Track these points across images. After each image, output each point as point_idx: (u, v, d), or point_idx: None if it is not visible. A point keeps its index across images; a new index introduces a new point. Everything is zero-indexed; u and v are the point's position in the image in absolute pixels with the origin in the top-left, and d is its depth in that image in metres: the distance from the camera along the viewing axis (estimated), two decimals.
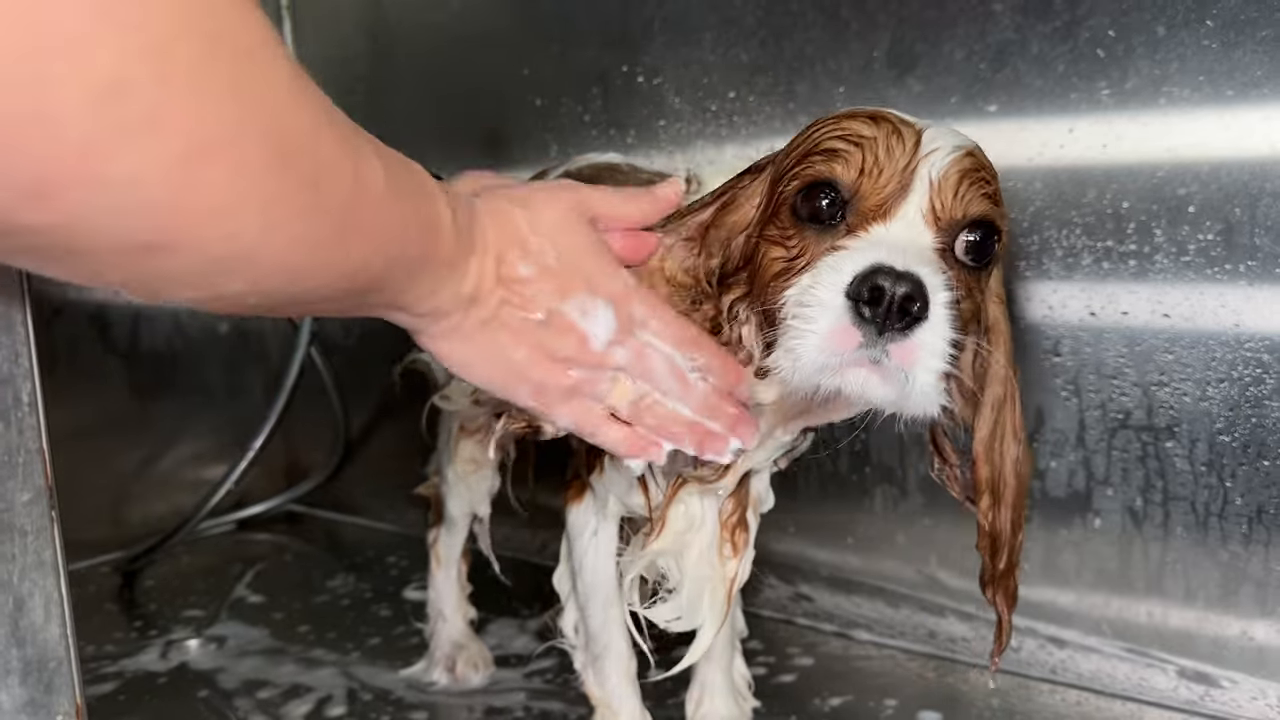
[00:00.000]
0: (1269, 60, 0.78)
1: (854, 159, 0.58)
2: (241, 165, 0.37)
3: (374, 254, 0.47)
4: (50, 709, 0.43)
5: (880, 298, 0.52)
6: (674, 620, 0.71)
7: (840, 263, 0.55)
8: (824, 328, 0.54)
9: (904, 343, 0.53)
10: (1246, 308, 0.81)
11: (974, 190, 0.58)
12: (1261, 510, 0.82)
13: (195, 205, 0.36)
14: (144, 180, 0.33)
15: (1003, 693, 0.90)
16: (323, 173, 0.42)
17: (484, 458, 0.93)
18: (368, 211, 0.46)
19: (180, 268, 0.38)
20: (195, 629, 1.09)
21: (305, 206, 0.41)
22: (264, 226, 0.39)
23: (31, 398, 0.42)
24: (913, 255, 0.55)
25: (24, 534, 0.42)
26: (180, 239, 0.36)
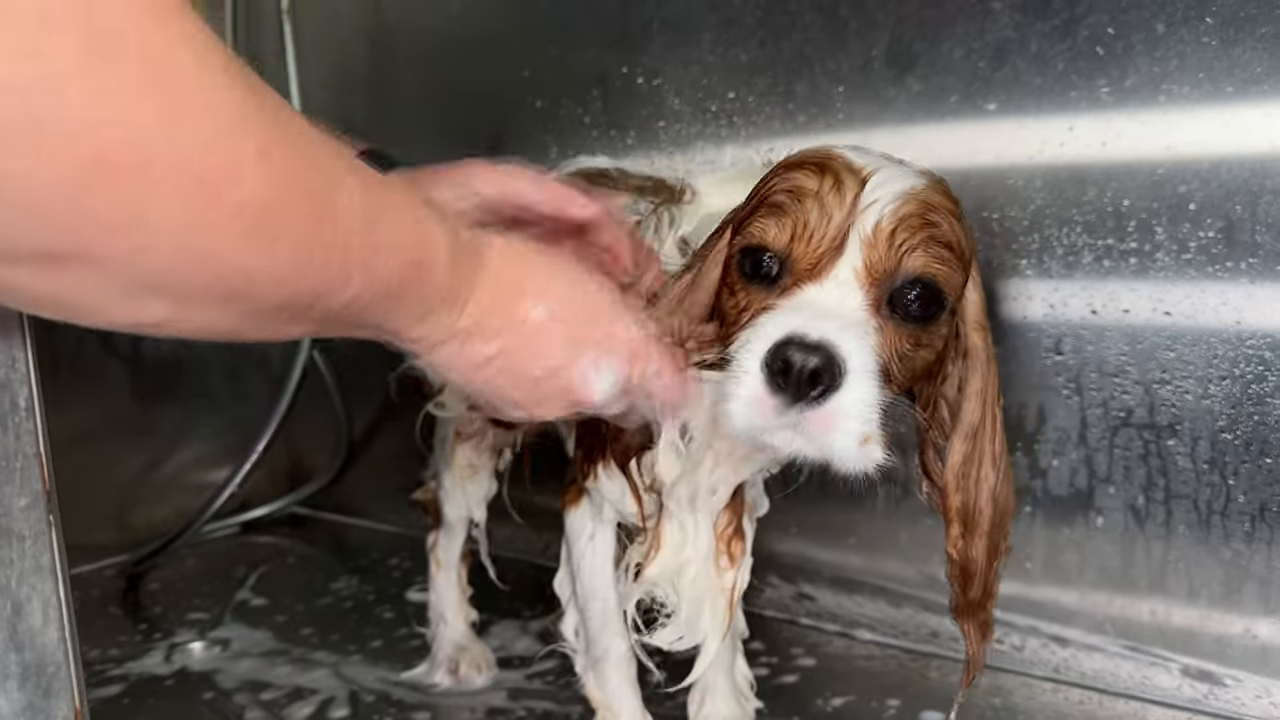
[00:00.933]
0: (1268, 57, 0.78)
1: (787, 222, 0.59)
2: (153, 181, 0.35)
3: (338, 283, 0.45)
4: (49, 713, 0.43)
5: (788, 370, 0.53)
6: (677, 641, 0.72)
7: (763, 329, 0.56)
8: (747, 393, 0.56)
9: (818, 411, 0.54)
10: (1248, 305, 0.80)
11: (914, 241, 0.58)
12: (1264, 508, 0.82)
13: (96, 216, 0.34)
14: (39, 182, 0.32)
15: (1005, 692, 0.90)
16: (267, 197, 0.40)
17: (480, 462, 0.94)
18: (332, 239, 0.43)
19: (80, 283, 0.36)
20: (199, 632, 1.09)
21: (243, 230, 0.39)
22: (185, 251, 0.37)
23: (29, 402, 0.42)
24: (836, 319, 0.55)
25: (22, 539, 0.42)
26: (84, 256, 0.35)
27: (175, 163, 0.35)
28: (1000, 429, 0.65)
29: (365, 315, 0.49)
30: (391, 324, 0.52)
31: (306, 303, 0.45)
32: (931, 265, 0.58)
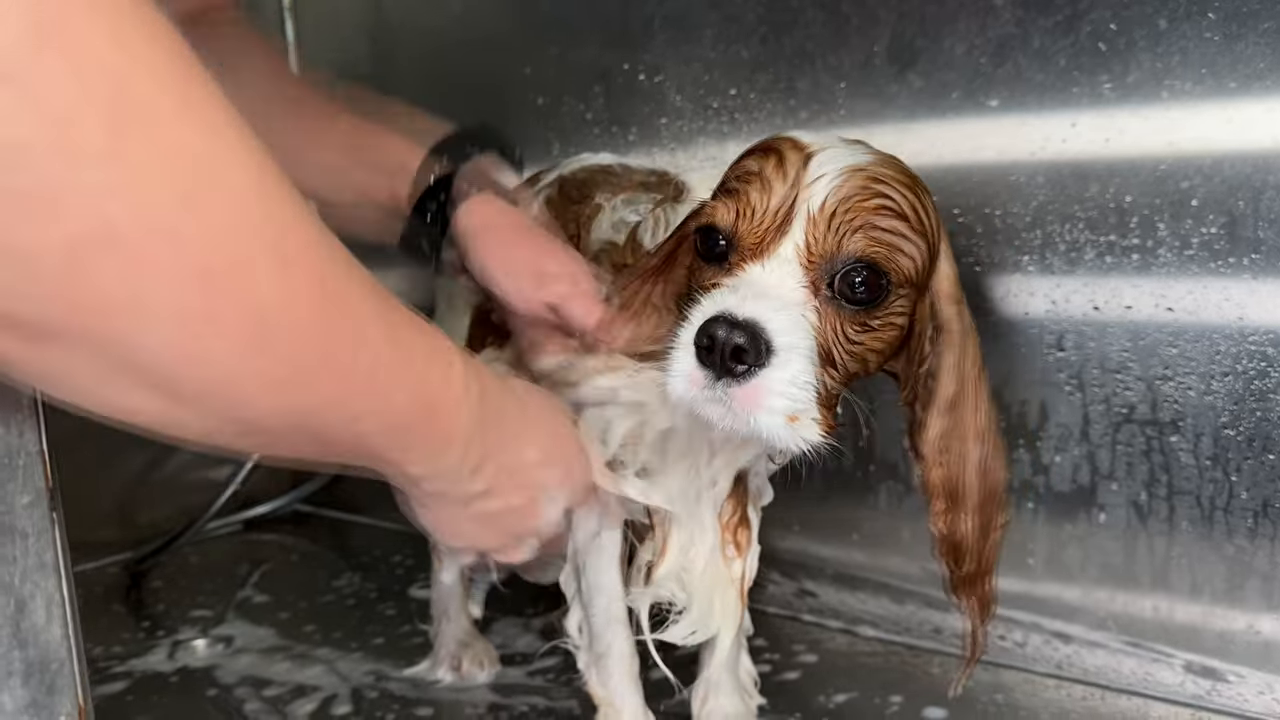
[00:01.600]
0: (1271, 53, 0.77)
1: (733, 203, 0.60)
2: (156, 263, 0.33)
3: (344, 413, 0.44)
4: (52, 710, 0.43)
5: (714, 346, 0.55)
6: (690, 636, 0.73)
7: (702, 307, 0.57)
8: (681, 367, 0.57)
9: (743, 387, 0.55)
10: (1250, 301, 0.80)
11: (856, 222, 0.58)
12: (1267, 504, 0.82)
13: (93, 291, 0.33)
14: (42, 248, 0.31)
15: (1008, 688, 0.90)
16: (279, 309, 0.37)
17: None
18: (344, 369, 0.42)
19: (73, 363, 0.35)
20: (202, 629, 1.10)
21: (247, 339, 0.37)
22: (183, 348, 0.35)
23: (31, 400, 0.42)
24: (771, 299, 0.56)
25: (25, 536, 0.42)
26: (78, 332, 0.34)
27: (182, 249, 0.33)
28: (985, 402, 0.65)
29: (368, 445, 0.48)
30: (393, 456, 0.52)
31: (308, 426, 0.43)
32: (873, 247, 0.58)
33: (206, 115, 0.34)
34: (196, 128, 0.34)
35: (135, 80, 0.32)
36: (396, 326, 0.46)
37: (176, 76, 0.33)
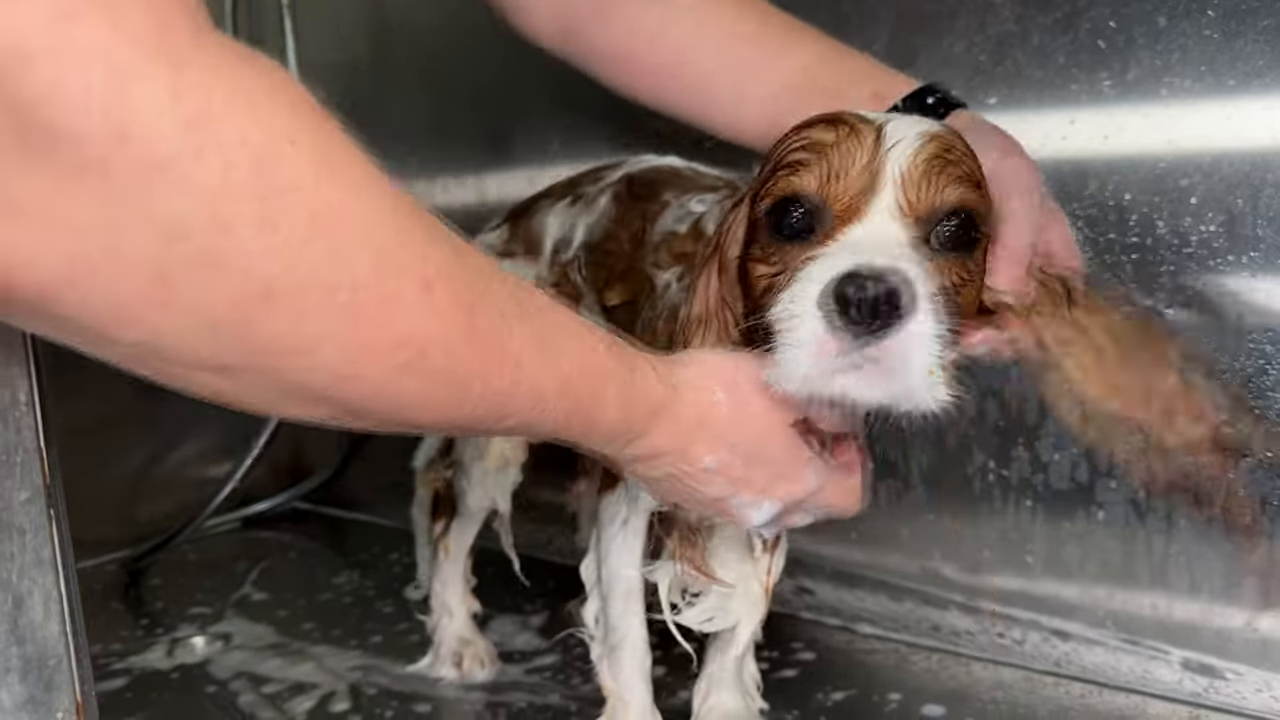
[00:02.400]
0: (1270, 50, 0.77)
1: (815, 168, 0.58)
2: (315, 312, 0.38)
3: (495, 417, 0.48)
4: (50, 706, 0.43)
5: (854, 301, 0.52)
6: (706, 621, 0.72)
7: (813, 272, 0.55)
8: (805, 338, 0.54)
9: (883, 343, 0.53)
10: (1249, 299, 0.80)
11: (945, 177, 0.57)
12: (1265, 502, 0.82)
13: (265, 340, 0.38)
14: (216, 308, 0.36)
15: (1006, 686, 0.90)
16: (427, 333, 0.42)
17: (514, 455, 0.93)
18: (494, 378, 0.46)
19: (253, 389, 0.41)
20: (201, 626, 1.10)
21: (403, 363, 0.42)
22: (344, 379, 0.41)
23: (29, 396, 0.42)
24: (885, 254, 0.54)
25: (22, 532, 0.42)
26: (257, 370, 0.39)
27: (333, 296, 0.38)
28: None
29: (528, 434, 0.56)
30: (559, 439, 0.56)
31: (464, 427, 0.49)
32: (966, 196, 0.58)
33: (345, 175, 0.39)
34: (336, 188, 0.38)
35: (277, 154, 0.36)
36: (543, 333, 0.50)
37: (315, 144, 0.38)
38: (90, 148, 0.32)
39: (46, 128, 0.32)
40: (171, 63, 0.33)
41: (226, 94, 0.35)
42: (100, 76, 0.32)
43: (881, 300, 0.52)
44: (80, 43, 0.31)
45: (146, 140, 0.33)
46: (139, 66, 0.32)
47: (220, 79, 0.35)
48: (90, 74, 0.31)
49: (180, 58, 0.33)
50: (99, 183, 0.33)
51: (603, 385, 0.53)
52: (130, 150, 0.32)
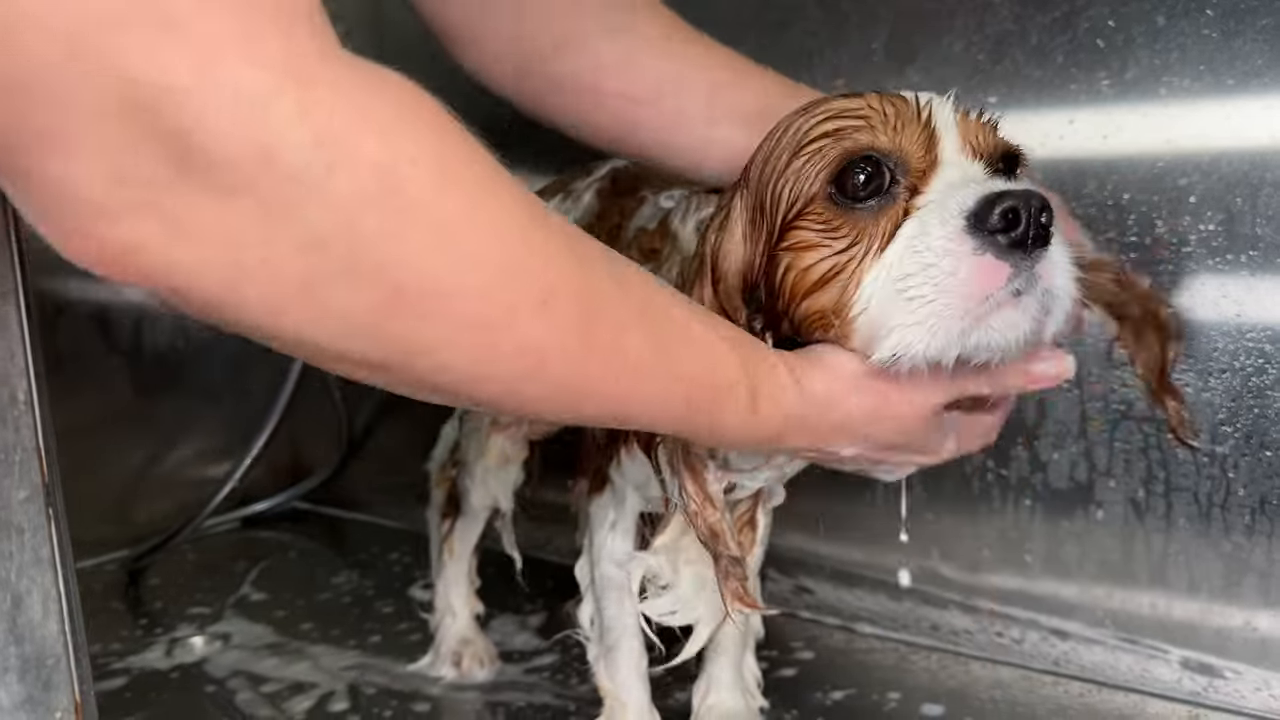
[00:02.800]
0: (1269, 49, 0.77)
1: (874, 125, 0.55)
2: (440, 318, 0.41)
3: (617, 417, 0.52)
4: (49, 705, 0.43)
5: (1016, 219, 0.50)
6: (669, 615, 0.71)
7: (936, 214, 0.52)
8: (965, 275, 0.51)
9: (1047, 258, 0.51)
10: (1248, 298, 0.80)
11: (985, 124, 0.58)
12: (1264, 501, 0.82)
13: (397, 340, 0.42)
14: (354, 310, 0.40)
15: (1005, 685, 0.90)
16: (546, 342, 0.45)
17: (515, 453, 0.93)
18: (612, 384, 0.48)
19: (399, 383, 0.45)
20: (200, 626, 1.10)
21: (524, 369, 0.45)
22: (473, 379, 0.44)
23: (28, 396, 0.42)
24: (986, 182, 0.53)
25: (21, 531, 0.42)
26: (394, 367, 0.43)
27: (458, 306, 0.41)
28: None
29: (654, 431, 0.57)
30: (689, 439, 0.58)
31: (591, 423, 0.52)
32: (1008, 140, 0.58)
33: (467, 190, 0.41)
34: (459, 203, 0.41)
35: (399, 170, 0.39)
36: (666, 341, 0.51)
37: (437, 160, 0.40)
38: (241, 169, 0.35)
39: (203, 155, 0.35)
40: (299, 81, 0.36)
41: (349, 113, 0.37)
42: (240, 106, 0.35)
43: (1038, 214, 0.50)
44: (223, 77, 0.35)
45: (284, 160, 0.36)
46: (273, 87, 0.35)
47: (342, 98, 0.37)
48: (231, 105, 0.35)
49: (307, 77, 0.36)
50: (252, 201, 0.36)
51: (727, 393, 0.54)
52: (273, 170, 0.36)
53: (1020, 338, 0.53)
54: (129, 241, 0.36)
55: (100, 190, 0.35)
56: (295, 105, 0.36)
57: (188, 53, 0.34)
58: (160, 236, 0.36)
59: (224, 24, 0.35)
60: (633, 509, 0.75)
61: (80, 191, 0.35)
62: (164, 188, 0.35)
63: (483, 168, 0.43)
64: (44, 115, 0.34)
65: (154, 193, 0.36)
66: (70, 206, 0.36)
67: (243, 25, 0.35)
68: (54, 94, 0.34)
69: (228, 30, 0.35)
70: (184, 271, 0.37)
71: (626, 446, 0.71)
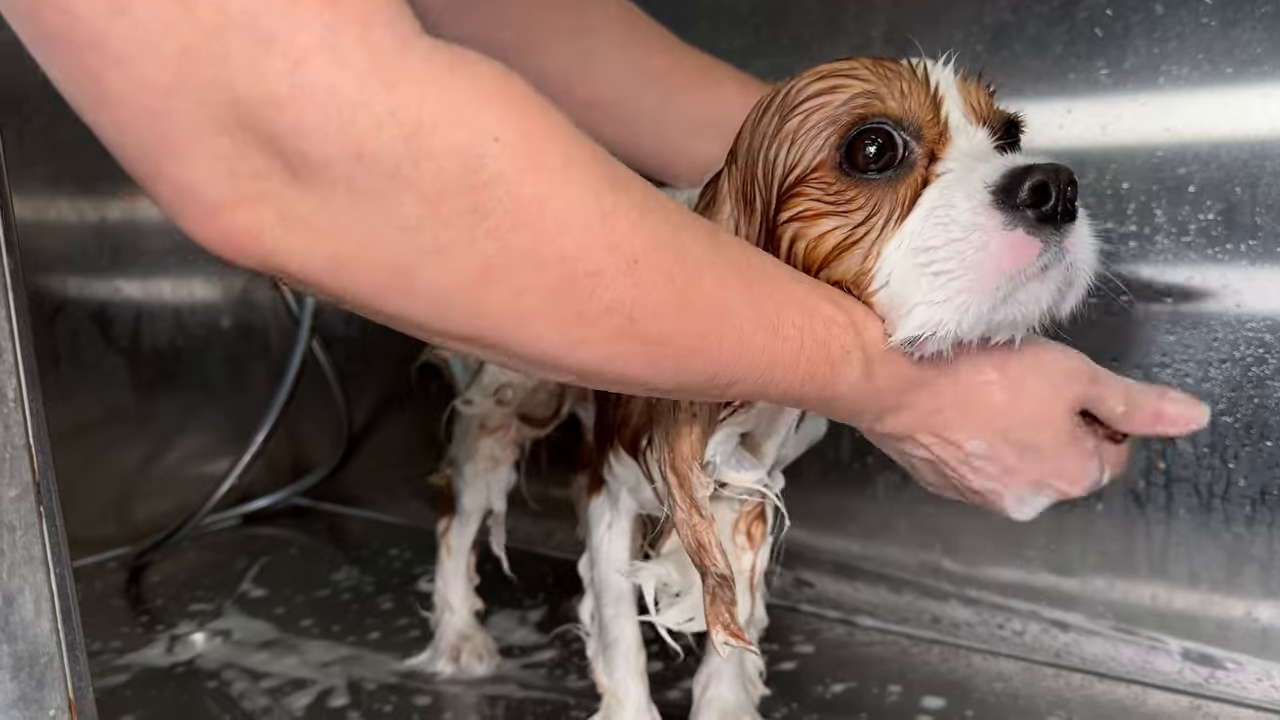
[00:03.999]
0: (1268, 38, 0.77)
1: (879, 88, 0.54)
2: (529, 287, 0.43)
3: (721, 382, 0.50)
4: (42, 704, 0.43)
5: (1046, 194, 0.49)
6: (687, 622, 0.70)
7: (960, 186, 0.51)
8: (995, 250, 0.49)
9: (1074, 232, 0.51)
10: (1248, 288, 0.80)
11: (982, 89, 0.57)
12: (1265, 491, 0.82)
13: (491, 311, 0.44)
14: (447, 286, 0.42)
15: (1006, 677, 0.90)
16: (635, 303, 0.45)
17: (504, 455, 0.93)
18: (712, 346, 0.48)
19: (501, 357, 0.47)
20: (201, 623, 1.10)
21: (614, 329, 0.45)
22: (568, 345, 0.45)
23: (18, 394, 0.42)
24: (1001, 156, 0.53)
25: (12, 530, 0.42)
26: (490, 340, 0.45)
27: (546, 273, 0.43)
28: None
29: (765, 399, 0.55)
30: (802, 407, 0.57)
31: (695, 391, 0.51)
32: (1005, 107, 0.57)
33: (548, 163, 0.42)
34: (540, 176, 0.42)
35: (482, 151, 0.40)
36: (769, 305, 0.50)
37: (519, 137, 0.41)
38: (337, 167, 0.39)
39: (301, 155, 0.38)
40: (385, 84, 0.38)
41: (434, 104, 0.39)
42: (332, 110, 0.38)
43: (1066, 188, 0.49)
44: (312, 85, 0.37)
45: (375, 156, 0.39)
46: (360, 94, 0.38)
47: (428, 91, 0.39)
48: (324, 110, 0.38)
49: (392, 77, 0.39)
50: (348, 194, 0.39)
51: (840, 358, 0.52)
52: (366, 165, 0.39)
53: (1043, 312, 0.52)
54: (247, 229, 0.40)
55: (215, 187, 0.39)
56: (383, 105, 0.38)
57: (281, 65, 0.37)
58: (273, 225, 0.40)
59: (312, 33, 0.37)
60: (628, 510, 0.75)
61: (199, 189, 0.39)
62: (272, 183, 0.39)
63: (565, 139, 0.44)
64: (161, 128, 0.38)
65: (264, 186, 0.39)
66: (194, 202, 0.39)
67: (329, 31, 0.37)
68: (167, 111, 0.37)
69: (315, 39, 0.37)
70: (294, 256, 0.41)
71: (614, 449, 0.70)
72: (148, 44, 0.36)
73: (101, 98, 0.37)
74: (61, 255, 1.29)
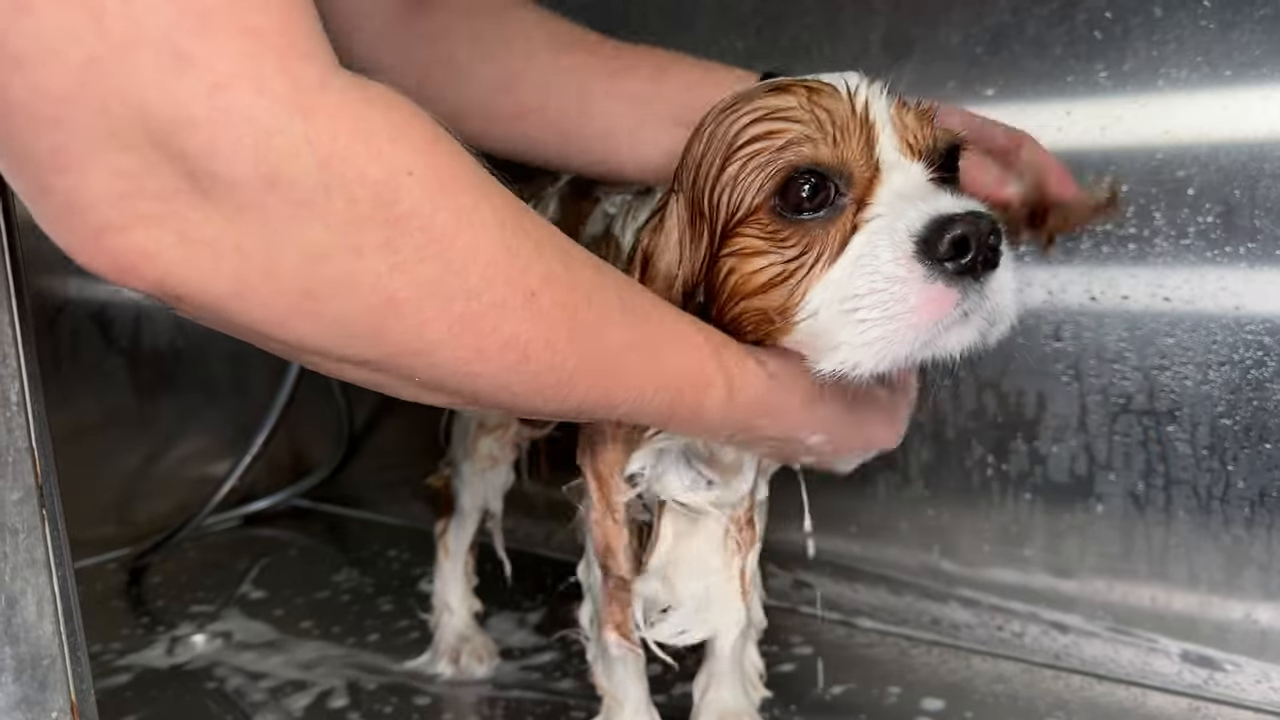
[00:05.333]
0: (1267, 40, 0.77)
1: (813, 133, 0.55)
2: (432, 321, 0.44)
3: (603, 408, 0.53)
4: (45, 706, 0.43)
5: (966, 246, 0.50)
6: (679, 635, 0.70)
7: (885, 235, 0.52)
8: (914, 302, 0.51)
9: (994, 280, 0.52)
10: (1247, 290, 0.80)
11: (921, 115, 0.57)
12: (1264, 493, 0.82)
13: (393, 341, 0.44)
14: (350, 316, 0.43)
15: (1006, 679, 0.90)
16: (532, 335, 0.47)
17: (502, 455, 0.93)
18: (597, 373, 0.51)
19: (393, 382, 0.47)
20: (201, 624, 1.10)
21: (513, 362, 0.47)
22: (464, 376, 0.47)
23: (20, 397, 0.42)
24: (932, 195, 0.53)
25: (15, 533, 0.42)
26: (388, 368, 0.46)
27: (449, 309, 0.44)
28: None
29: (637, 423, 0.59)
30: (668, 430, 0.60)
31: (578, 415, 0.54)
32: (943, 128, 0.57)
33: (458, 200, 0.44)
34: (449, 212, 0.43)
35: (395, 186, 0.41)
36: (646, 337, 0.53)
37: (430, 173, 0.42)
38: (248, 191, 0.38)
39: (213, 176, 0.38)
40: (304, 114, 0.39)
41: (349, 136, 0.40)
42: (248, 134, 0.38)
43: (987, 238, 0.50)
44: (231, 108, 0.37)
45: (289, 183, 0.39)
46: (278, 121, 0.38)
47: (343, 122, 0.40)
48: (240, 133, 0.38)
49: (310, 108, 0.39)
50: (257, 218, 0.39)
51: (705, 386, 0.57)
52: (278, 191, 0.39)
53: (965, 350, 0.54)
54: (142, 249, 0.39)
55: (108, 204, 0.38)
56: (300, 134, 0.38)
57: (198, 86, 0.37)
58: (171, 247, 0.39)
59: (232, 59, 0.37)
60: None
61: (90, 205, 0.38)
62: (175, 204, 0.38)
63: (471, 174, 0.45)
64: (56, 137, 0.36)
65: (164, 206, 0.38)
66: (81, 218, 0.38)
67: (250, 59, 0.37)
68: (66, 120, 0.36)
69: (236, 65, 0.37)
70: (191, 280, 0.40)
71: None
72: (50, 48, 0.35)
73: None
74: (62, 256, 1.26)
